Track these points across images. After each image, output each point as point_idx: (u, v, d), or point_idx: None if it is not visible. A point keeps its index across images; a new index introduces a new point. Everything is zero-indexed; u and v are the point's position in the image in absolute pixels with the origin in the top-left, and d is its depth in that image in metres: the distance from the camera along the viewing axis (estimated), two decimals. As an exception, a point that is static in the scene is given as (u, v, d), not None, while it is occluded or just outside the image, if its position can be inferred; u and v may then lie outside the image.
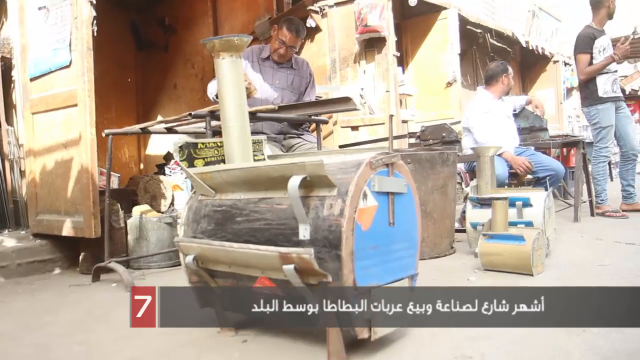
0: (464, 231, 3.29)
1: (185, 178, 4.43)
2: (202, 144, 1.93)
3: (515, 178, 4.08)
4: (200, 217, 1.81)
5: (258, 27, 4.16)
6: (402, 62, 6.95)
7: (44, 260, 3.28)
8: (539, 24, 9.11)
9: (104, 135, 2.79)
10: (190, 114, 2.27)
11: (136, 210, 3.40)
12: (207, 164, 1.94)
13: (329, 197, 1.50)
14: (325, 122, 3.25)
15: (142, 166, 5.69)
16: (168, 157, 5.01)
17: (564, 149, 5.73)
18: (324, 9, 5.76)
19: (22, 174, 3.60)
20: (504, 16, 8.83)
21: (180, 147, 1.84)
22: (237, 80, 1.89)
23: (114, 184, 4.78)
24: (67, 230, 3.12)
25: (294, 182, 1.46)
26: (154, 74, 5.45)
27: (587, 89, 4.39)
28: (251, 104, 3.17)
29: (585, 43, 4.36)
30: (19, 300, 2.62)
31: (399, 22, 6.95)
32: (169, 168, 4.44)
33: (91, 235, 2.95)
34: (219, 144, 1.98)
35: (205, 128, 2.31)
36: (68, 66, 3.05)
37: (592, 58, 4.32)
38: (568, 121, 10.35)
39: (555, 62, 9.81)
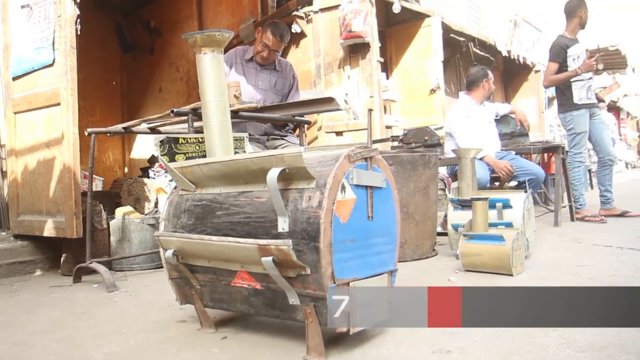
0: (446, 234, 3.32)
1: (170, 181, 4.42)
2: (184, 139, 1.94)
3: (497, 181, 4.14)
4: (180, 211, 1.82)
5: (243, 30, 4.18)
6: (387, 68, 7.02)
7: (25, 261, 3.24)
8: (521, 33, 9.26)
9: (86, 133, 2.78)
10: (172, 111, 2.27)
11: (119, 211, 3.38)
12: (188, 159, 1.95)
13: (308, 189, 1.51)
14: (309, 123, 3.27)
15: (126, 170, 5.65)
16: (152, 160, 4.98)
17: (545, 155, 5.82)
18: (309, 15, 5.81)
19: (4, 174, 3.56)
20: (487, 25, 8.98)
21: (161, 141, 1.85)
22: (218, 76, 1.90)
23: (98, 187, 4.74)
24: (48, 231, 3.09)
25: (273, 174, 1.48)
26: (139, 77, 5.43)
27: (563, 96, 4.51)
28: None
29: (555, 52, 4.53)
30: (-3, 301, 2.58)
31: (384, 29, 7.03)
32: (153, 171, 4.41)
33: (73, 236, 2.93)
34: (200, 140, 1.99)
35: (187, 126, 2.32)
36: (51, 65, 3.04)
37: (561, 67, 4.46)
38: (549, 130, 10.51)
39: (536, 71, 9.97)
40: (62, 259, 3.19)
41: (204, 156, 1.96)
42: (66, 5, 2.94)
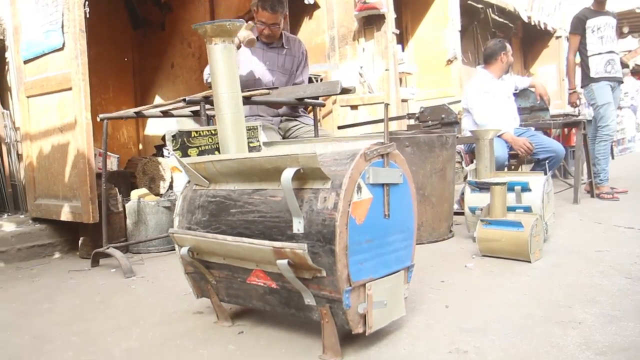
0: (463, 213, 3.28)
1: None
2: (196, 132, 1.90)
3: (516, 158, 4.06)
4: (194, 207, 1.80)
5: (254, 5, 4.06)
6: (402, 38, 6.85)
7: (44, 244, 3.28)
8: (541, -2, 8.94)
9: (98, 119, 2.76)
10: (184, 100, 2.23)
11: (134, 194, 3.39)
12: (201, 152, 1.93)
13: (323, 190, 1.48)
14: (322, 105, 3.20)
15: (140, 147, 5.66)
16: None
17: (565, 128, 5.69)
18: (322, -15, 5.66)
19: (20, 157, 3.58)
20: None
21: (174, 136, 1.81)
22: (230, 67, 1.85)
23: (113, 165, 4.76)
24: (65, 215, 3.11)
25: (287, 174, 1.44)
26: (151, 53, 5.37)
27: (583, 71, 4.54)
28: (246, 83, 3.13)
29: (573, 24, 4.56)
30: (19, 286, 2.63)
31: (400, -3, 6.83)
32: (167, 150, 4.41)
33: (89, 221, 2.95)
34: (213, 132, 1.95)
35: (199, 114, 2.28)
36: (61, 49, 3.00)
37: (582, 38, 4.45)
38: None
39: (557, 37, 9.66)
40: (80, 241, 3.23)
41: (217, 149, 1.93)
42: (74, -14, 2.87)
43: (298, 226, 1.49)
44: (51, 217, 3.24)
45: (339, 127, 4.77)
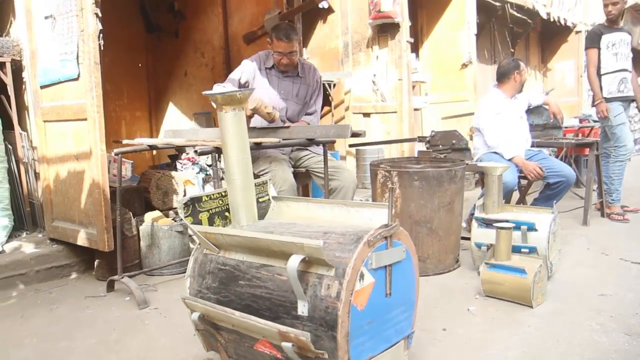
0: (469, 238, 3.31)
1: (198, 172, 4.49)
2: (206, 196, 1.96)
3: (526, 179, 4.06)
4: (205, 272, 1.87)
5: (268, 22, 4.07)
6: (417, 40, 6.79)
7: (61, 265, 3.39)
8: (561, -7, 8.74)
9: (113, 154, 2.83)
10: (196, 151, 2.29)
11: (148, 217, 3.48)
12: (212, 215, 1.99)
13: (327, 276, 1.54)
14: (333, 142, 3.24)
15: (154, 152, 5.74)
16: (179, 148, 5.04)
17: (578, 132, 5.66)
18: (337, -11, 5.63)
19: (37, 175, 3.68)
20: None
21: (185, 204, 1.88)
22: (239, 133, 1.90)
23: (127, 171, 4.84)
24: (81, 241, 3.22)
25: (293, 263, 1.50)
26: (165, 59, 5.40)
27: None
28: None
29: (591, 38, 4.50)
30: (38, 315, 2.74)
31: (415, -2, 6.75)
32: (181, 163, 4.48)
33: (105, 249, 3.05)
34: (223, 194, 2.01)
35: (211, 165, 2.33)
36: (76, 79, 3.06)
37: (599, 52, 4.40)
38: (588, 94, 10.06)
39: (577, 32, 9.47)
40: (95, 263, 3.34)
41: (227, 209, 1.99)
42: (89, 20, 2.91)
43: (302, 309, 1.56)
44: (68, 240, 3.34)
45: (350, 146, 4.79)
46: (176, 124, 5.41)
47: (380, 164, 3.27)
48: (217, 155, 2.33)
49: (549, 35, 9.75)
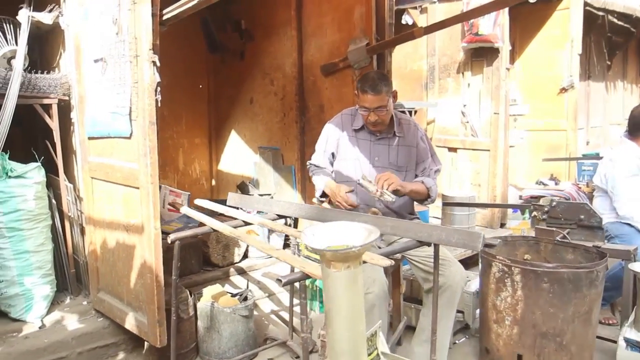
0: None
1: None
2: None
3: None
4: None
5: (352, 54, 3.40)
6: (509, 57, 5.94)
7: (107, 345, 2.92)
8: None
9: (169, 241, 2.28)
10: (279, 280, 1.67)
11: (207, 293, 2.94)
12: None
13: None
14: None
15: (213, 182, 5.21)
16: (242, 186, 4.49)
17: None
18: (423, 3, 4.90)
19: (83, 230, 3.21)
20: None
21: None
22: (353, 300, 1.27)
23: (184, 202, 4.37)
24: (130, 326, 2.72)
25: None
26: (228, 83, 4.83)
27: None
28: (347, 185, 2.58)
29: None
30: None
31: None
32: (243, 211, 3.93)
33: (156, 344, 2.52)
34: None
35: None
36: (128, 138, 2.53)
37: None
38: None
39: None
40: (146, 345, 2.84)
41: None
42: (144, 70, 2.36)
43: None
44: (115, 320, 2.85)
45: (445, 204, 4.08)
46: (238, 155, 4.85)
47: (496, 255, 2.57)
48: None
49: (652, 45, 8.60)
